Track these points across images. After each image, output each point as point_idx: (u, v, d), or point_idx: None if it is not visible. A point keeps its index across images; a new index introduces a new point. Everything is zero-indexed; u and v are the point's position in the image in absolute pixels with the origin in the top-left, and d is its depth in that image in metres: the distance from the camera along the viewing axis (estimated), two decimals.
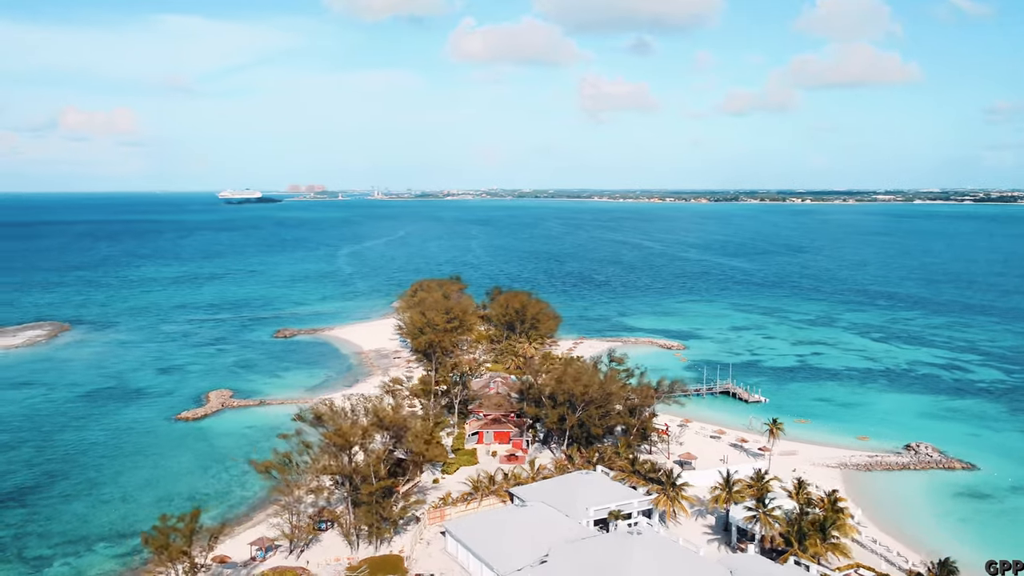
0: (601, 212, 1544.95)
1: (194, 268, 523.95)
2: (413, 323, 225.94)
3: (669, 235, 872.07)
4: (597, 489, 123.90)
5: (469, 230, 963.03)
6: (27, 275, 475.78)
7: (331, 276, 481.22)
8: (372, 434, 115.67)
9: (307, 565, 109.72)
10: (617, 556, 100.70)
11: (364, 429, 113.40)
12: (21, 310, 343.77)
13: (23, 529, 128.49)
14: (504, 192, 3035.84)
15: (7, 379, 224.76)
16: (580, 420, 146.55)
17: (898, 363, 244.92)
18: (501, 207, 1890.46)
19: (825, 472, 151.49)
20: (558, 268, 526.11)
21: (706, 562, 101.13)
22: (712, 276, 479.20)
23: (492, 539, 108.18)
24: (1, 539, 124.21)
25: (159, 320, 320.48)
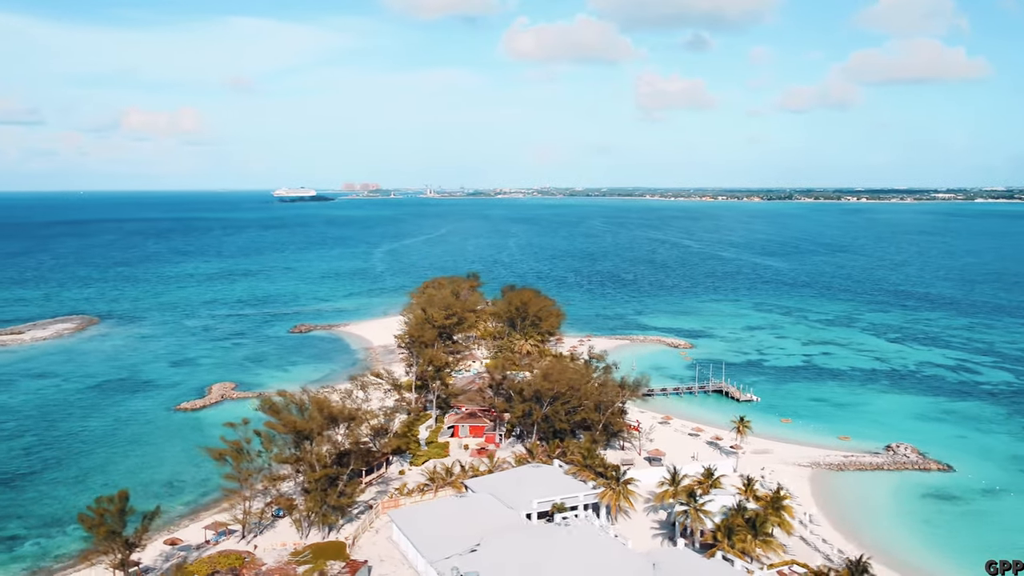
0: (649, 211, 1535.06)
1: (232, 265, 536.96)
2: (414, 319, 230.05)
3: (711, 234, 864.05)
4: (546, 482, 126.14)
5: (510, 228, 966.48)
6: (72, 271, 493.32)
7: (362, 273, 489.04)
8: (328, 425, 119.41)
9: (254, 550, 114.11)
10: (543, 546, 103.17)
11: (317, 420, 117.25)
12: (57, 304, 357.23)
13: (5, 511, 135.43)
14: (556, 190, 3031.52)
15: (27, 370, 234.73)
16: (546, 415, 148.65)
17: (906, 364, 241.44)
18: (549, 205, 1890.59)
19: (794, 471, 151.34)
20: (589, 267, 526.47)
21: (630, 554, 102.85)
22: (742, 275, 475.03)
23: (430, 527, 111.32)
24: None
25: (184, 315, 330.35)
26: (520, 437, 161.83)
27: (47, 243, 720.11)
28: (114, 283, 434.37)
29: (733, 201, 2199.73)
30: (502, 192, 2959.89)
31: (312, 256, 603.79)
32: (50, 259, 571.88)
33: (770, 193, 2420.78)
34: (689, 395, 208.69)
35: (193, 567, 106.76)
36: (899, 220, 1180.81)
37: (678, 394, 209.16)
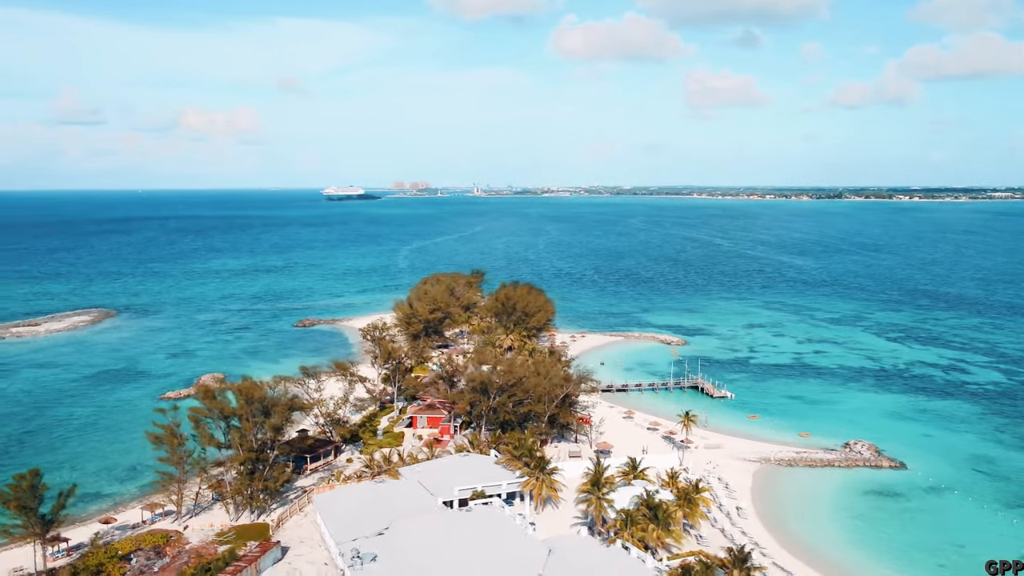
0: (692, 210, 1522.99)
1: (260, 261, 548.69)
2: (400, 313, 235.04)
3: (747, 233, 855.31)
4: (474, 471, 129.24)
5: (545, 227, 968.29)
6: (104, 266, 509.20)
7: (383, 270, 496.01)
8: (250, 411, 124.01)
9: (184, 530, 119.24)
10: (447, 530, 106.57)
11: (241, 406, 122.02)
12: (81, 298, 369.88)
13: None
14: (604, 189, 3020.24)
15: (35, 359, 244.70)
16: (493, 407, 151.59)
17: (896, 363, 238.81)
18: (593, 204, 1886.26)
19: (742, 465, 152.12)
20: (611, 265, 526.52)
21: (529, 539, 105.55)
22: (763, 274, 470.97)
23: (347, 511, 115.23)
24: None
25: (197, 309, 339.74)
26: (476, 428, 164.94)
27: (90, 239, 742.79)
28: (141, 278, 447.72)
29: (781, 200, 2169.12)
30: (549, 191, 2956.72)
31: (340, 253, 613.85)
32: (88, 255, 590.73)
33: (820, 192, 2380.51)
34: (664, 391, 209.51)
35: (118, 544, 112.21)
36: (946, 219, 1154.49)
37: (653, 390, 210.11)
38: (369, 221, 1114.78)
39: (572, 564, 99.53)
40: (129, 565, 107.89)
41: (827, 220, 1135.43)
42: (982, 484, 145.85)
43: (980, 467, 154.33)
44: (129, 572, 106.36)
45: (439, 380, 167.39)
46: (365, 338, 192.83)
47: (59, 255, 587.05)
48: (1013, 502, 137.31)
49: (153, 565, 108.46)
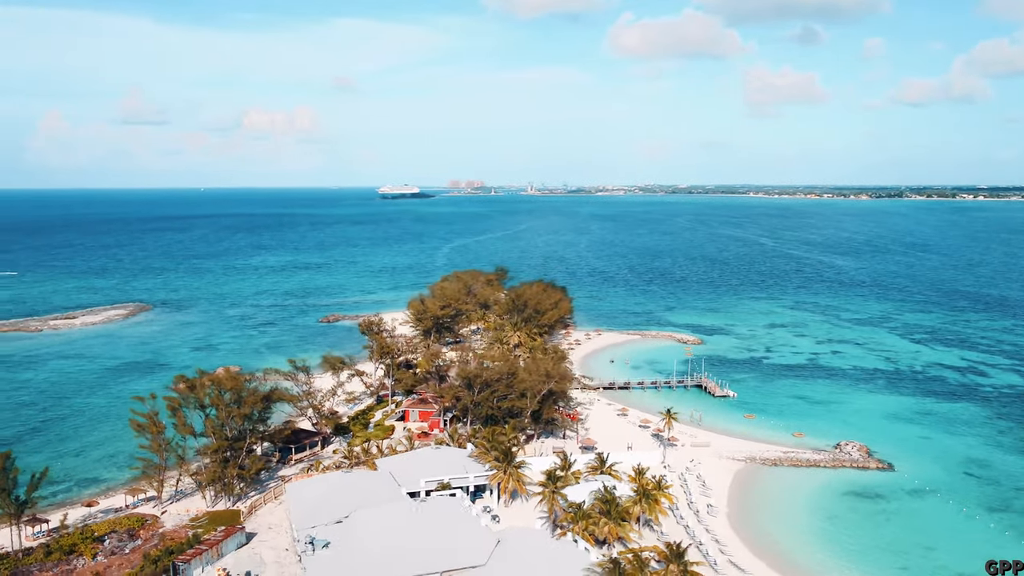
0: (744, 208, 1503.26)
1: (301, 258, 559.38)
2: (412, 310, 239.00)
3: (793, 232, 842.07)
4: (445, 463, 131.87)
5: (591, 226, 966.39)
6: (150, 262, 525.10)
7: (419, 267, 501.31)
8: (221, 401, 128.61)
9: (162, 515, 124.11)
10: (404, 518, 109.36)
11: (214, 396, 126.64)
12: (121, 292, 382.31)
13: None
14: (660, 188, 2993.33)
15: (64, 351, 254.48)
16: (476, 401, 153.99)
17: (913, 365, 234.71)
18: (645, 203, 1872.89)
19: (725, 464, 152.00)
20: (646, 264, 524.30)
21: (481, 530, 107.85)
22: (800, 274, 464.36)
23: (313, 499, 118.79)
24: None
25: (229, 304, 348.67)
26: (463, 423, 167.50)
27: (144, 237, 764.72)
28: (183, 274, 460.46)
29: (839, 199, 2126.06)
30: (604, 190, 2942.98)
31: (381, 251, 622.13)
32: (139, 251, 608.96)
33: (881, 191, 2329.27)
34: (667, 389, 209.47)
35: (96, 526, 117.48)
36: (1007, 219, 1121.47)
37: (656, 388, 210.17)
38: (417, 219, 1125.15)
39: (515, 554, 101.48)
40: (101, 546, 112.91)
41: (881, 220, 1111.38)
42: (969, 487, 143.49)
43: (972, 470, 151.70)
44: (100, 552, 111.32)
45: (428, 375, 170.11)
46: (363, 333, 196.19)
47: (112, 251, 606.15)
48: (995, 506, 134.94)
49: (125, 547, 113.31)
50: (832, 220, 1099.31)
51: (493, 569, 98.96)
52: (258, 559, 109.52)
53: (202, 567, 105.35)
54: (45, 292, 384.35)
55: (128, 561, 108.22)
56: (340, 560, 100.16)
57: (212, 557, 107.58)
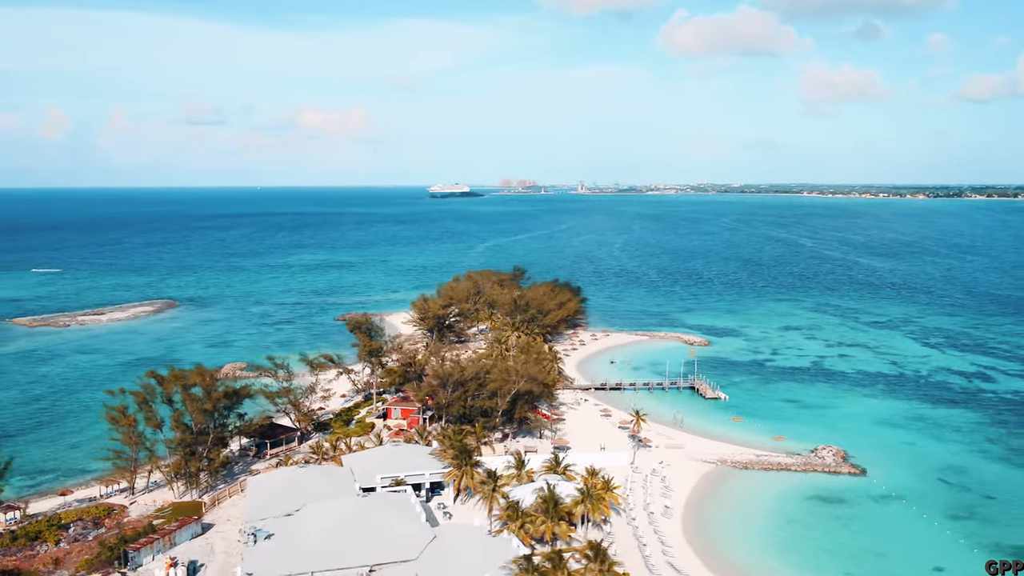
0: (794, 208, 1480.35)
1: (335, 257, 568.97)
2: (415, 309, 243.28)
3: (839, 233, 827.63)
4: (406, 460, 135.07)
5: (631, 225, 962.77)
6: (188, 259, 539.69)
7: (448, 267, 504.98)
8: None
9: (130, 505, 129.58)
10: (346, 513, 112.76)
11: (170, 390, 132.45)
12: (154, 289, 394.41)
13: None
14: (712, 187, 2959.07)
15: (85, 346, 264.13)
16: (449, 400, 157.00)
17: (920, 369, 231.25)
18: (694, 202, 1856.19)
19: (694, 466, 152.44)
20: (676, 265, 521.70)
21: (419, 525, 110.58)
22: (832, 276, 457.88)
23: (270, 492, 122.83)
24: None
25: (254, 302, 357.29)
26: (442, 421, 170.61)
27: (190, 235, 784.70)
28: (217, 272, 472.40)
29: (895, 199, 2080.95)
30: (655, 189, 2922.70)
31: (416, 250, 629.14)
32: (181, 249, 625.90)
33: (940, 190, 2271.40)
34: (660, 391, 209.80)
35: (64, 514, 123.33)
36: None
37: (648, 389, 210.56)
38: (460, 218, 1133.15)
39: (448, 550, 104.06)
40: (66, 533, 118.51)
41: (933, 220, 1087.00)
42: (939, 494, 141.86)
43: (947, 477, 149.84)
44: (63, 539, 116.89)
45: (407, 373, 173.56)
46: (351, 331, 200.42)
47: (155, 249, 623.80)
48: (959, 514, 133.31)
49: (88, 534, 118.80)
50: (882, 220, 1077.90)
51: (422, 563, 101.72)
52: (209, 549, 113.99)
53: (152, 555, 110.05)
54: (82, 288, 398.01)
55: (88, 548, 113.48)
56: (276, 552, 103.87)
57: (164, 546, 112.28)
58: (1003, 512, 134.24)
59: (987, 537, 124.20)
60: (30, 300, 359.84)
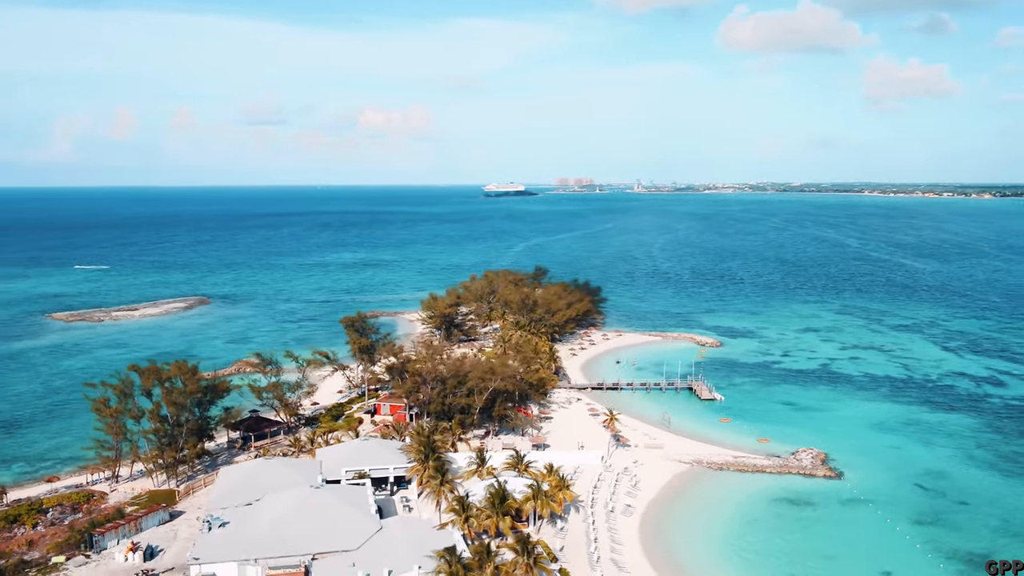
0: (851, 207, 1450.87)
1: (373, 255, 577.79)
2: (423, 306, 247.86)
3: (890, 233, 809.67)
4: (374, 454, 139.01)
5: (677, 225, 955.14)
6: (230, 257, 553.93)
7: (483, 266, 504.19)
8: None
9: (110, 492, 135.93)
10: (302, 503, 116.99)
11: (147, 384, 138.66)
12: (190, 286, 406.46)
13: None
14: (771, 186, 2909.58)
15: (112, 340, 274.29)
16: (428, 398, 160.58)
17: (930, 373, 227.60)
18: (749, 201, 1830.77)
19: (670, 466, 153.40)
20: (711, 265, 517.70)
21: (367, 516, 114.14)
22: (868, 277, 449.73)
23: (236, 482, 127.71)
24: None
25: (284, 299, 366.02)
26: (438, 416, 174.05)
27: (238, 233, 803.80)
28: (256, 269, 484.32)
29: (959, 198, 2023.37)
30: (712, 187, 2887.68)
31: (454, 249, 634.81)
32: (226, 247, 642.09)
33: (1008, 189, 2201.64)
34: (657, 391, 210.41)
35: (46, 499, 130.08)
36: None
37: (646, 389, 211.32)
38: (507, 217, 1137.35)
39: (390, 542, 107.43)
40: (44, 517, 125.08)
41: (993, 220, 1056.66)
42: (911, 499, 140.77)
43: (925, 482, 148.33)
44: (41, 523, 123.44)
45: (391, 371, 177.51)
46: (346, 329, 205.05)
47: (202, 247, 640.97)
48: (925, 519, 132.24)
49: (65, 519, 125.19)
50: (938, 221, 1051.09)
51: (361, 553, 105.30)
52: (172, 535, 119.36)
53: (117, 539, 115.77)
54: (124, 285, 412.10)
55: (62, 532, 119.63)
56: (226, 539, 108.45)
57: (130, 531, 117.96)
58: (971, 519, 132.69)
59: (946, 543, 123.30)
60: (73, 296, 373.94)
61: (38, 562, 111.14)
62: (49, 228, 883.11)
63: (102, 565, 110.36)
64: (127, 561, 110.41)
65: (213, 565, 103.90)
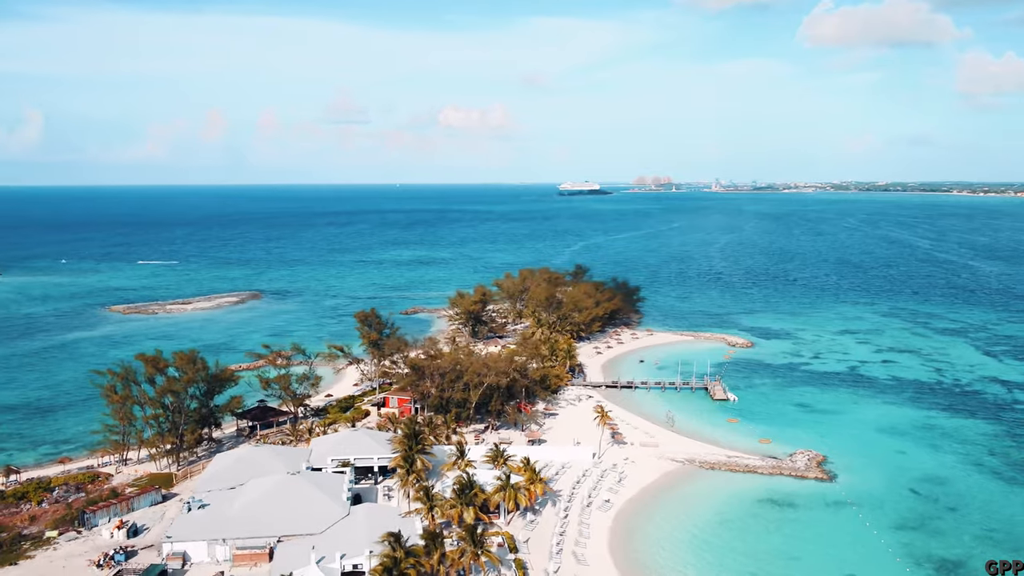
0: (933, 207, 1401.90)
1: (432, 253, 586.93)
2: (451, 303, 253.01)
3: (965, 234, 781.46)
4: (363, 444, 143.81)
5: (744, 225, 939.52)
6: (293, 253, 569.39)
7: (533, 265, 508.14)
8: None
9: (116, 473, 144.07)
10: (280, 488, 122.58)
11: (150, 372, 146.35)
12: (247, 281, 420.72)
13: (20, 425, 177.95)
14: (854, 185, 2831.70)
15: (161, 332, 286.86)
16: (427, 391, 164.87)
17: (961, 378, 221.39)
18: (827, 201, 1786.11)
19: (661, 465, 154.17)
20: (768, 266, 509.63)
21: (337, 504, 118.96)
22: (929, 279, 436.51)
23: (225, 467, 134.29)
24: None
25: (331, 295, 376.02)
26: (437, 410, 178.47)
27: (305, 231, 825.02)
28: (313, 266, 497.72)
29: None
30: (793, 187, 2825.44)
31: (513, 247, 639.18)
32: (291, 244, 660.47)
33: None
34: (672, 390, 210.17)
35: (54, 478, 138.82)
36: None
37: (660, 389, 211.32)
38: (574, 216, 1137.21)
39: (354, 527, 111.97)
40: (49, 495, 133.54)
41: None
42: (900, 504, 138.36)
43: (921, 487, 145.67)
44: (46, 500, 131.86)
45: (392, 365, 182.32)
46: (359, 323, 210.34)
47: (268, 244, 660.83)
48: (909, 524, 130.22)
49: (68, 497, 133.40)
50: (1021, 221, 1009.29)
51: (323, 537, 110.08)
52: (160, 515, 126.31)
53: (108, 517, 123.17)
54: (186, 280, 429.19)
55: (63, 509, 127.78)
56: (202, 520, 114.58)
57: (121, 510, 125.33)
58: (955, 526, 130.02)
59: (920, 549, 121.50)
60: (136, 290, 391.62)
61: (34, 536, 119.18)
62: (135, 225, 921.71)
63: (89, 540, 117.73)
64: (112, 537, 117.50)
65: (184, 543, 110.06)
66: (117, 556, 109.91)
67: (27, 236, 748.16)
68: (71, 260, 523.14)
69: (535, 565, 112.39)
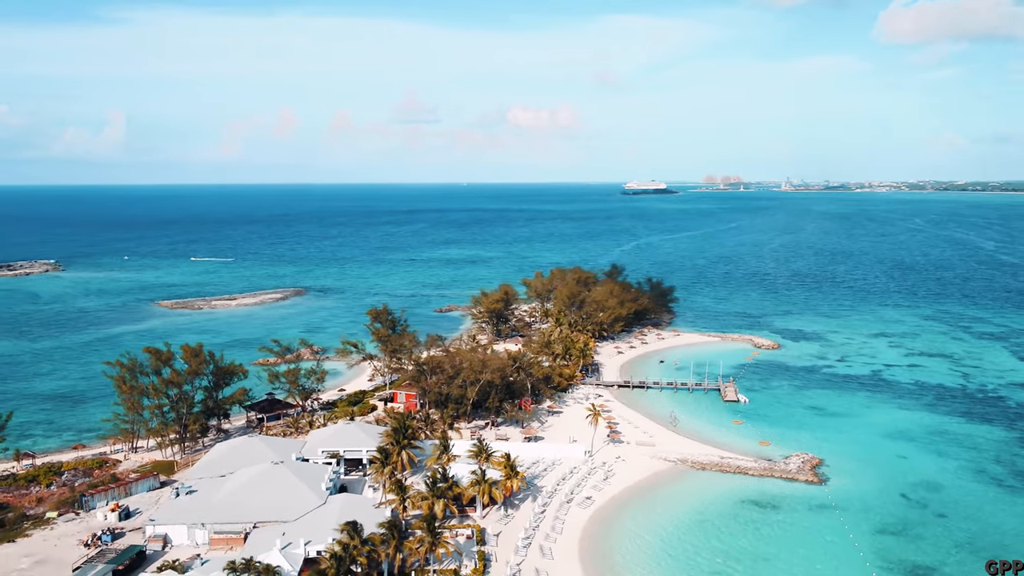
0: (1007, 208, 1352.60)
1: (479, 252, 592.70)
2: (472, 301, 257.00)
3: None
4: (350, 437, 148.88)
5: (806, 225, 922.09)
6: (344, 251, 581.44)
7: (579, 264, 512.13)
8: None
9: (124, 459, 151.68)
10: (264, 476, 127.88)
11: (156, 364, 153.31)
12: (294, 278, 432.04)
13: (52, 413, 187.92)
14: (931, 185, 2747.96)
15: (201, 327, 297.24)
16: (427, 387, 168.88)
17: (987, 384, 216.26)
18: (899, 201, 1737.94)
19: (652, 464, 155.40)
20: (817, 267, 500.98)
21: (316, 493, 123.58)
22: (983, 282, 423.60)
23: (220, 456, 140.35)
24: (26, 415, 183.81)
25: (372, 293, 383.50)
26: (438, 405, 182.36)
27: (362, 229, 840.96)
28: (360, 264, 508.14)
29: None
30: (867, 186, 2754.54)
31: (563, 247, 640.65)
32: (347, 242, 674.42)
33: None
34: (684, 391, 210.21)
35: (64, 463, 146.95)
36: None
37: (673, 389, 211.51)
38: (633, 216, 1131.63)
39: (327, 516, 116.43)
40: (58, 479, 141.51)
41: None
42: (887, 509, 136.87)
43: (914, 493, 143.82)
44: (55, 484, 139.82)
45: (397, 362, 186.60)
46: (370, 320, 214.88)
47: (324, 242, 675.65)
48: (891, 530, 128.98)
49: (76, 481, 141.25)
50: None
51: (296, 524, 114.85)
52: (155, 500, 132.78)
53: (106, 501, 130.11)
54: (236, 277, 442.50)
55: (67, 492, 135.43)
56: (186, 505, 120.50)
57: (119, 494, 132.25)
58: (939, 532, 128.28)
59: (895, 554, 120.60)
60: (187, 285, 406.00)
61: (36, 516, 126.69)
62: (203, 223, 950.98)
63: (84, 522, 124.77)
64: (105, 519, 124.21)
65: (165, 526, 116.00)
66: (104, 537, 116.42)
67: (97, 233, 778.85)
68: (133, 257, 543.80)
69: (500, 558, 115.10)
